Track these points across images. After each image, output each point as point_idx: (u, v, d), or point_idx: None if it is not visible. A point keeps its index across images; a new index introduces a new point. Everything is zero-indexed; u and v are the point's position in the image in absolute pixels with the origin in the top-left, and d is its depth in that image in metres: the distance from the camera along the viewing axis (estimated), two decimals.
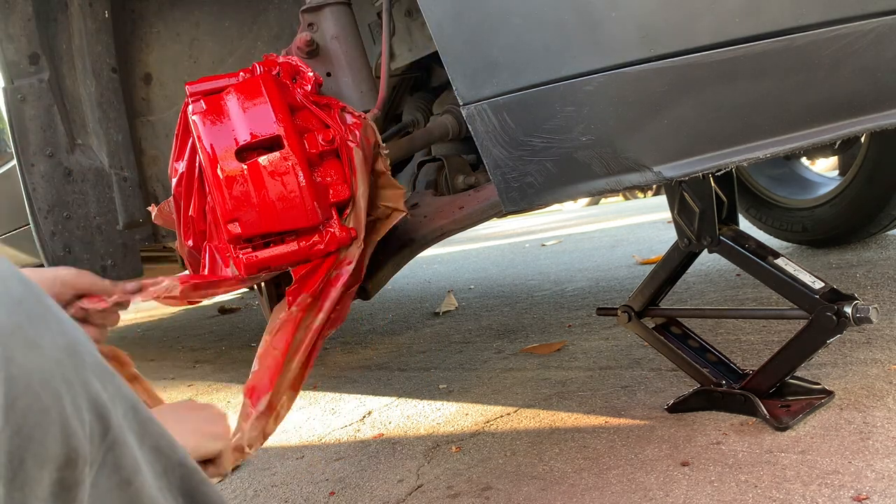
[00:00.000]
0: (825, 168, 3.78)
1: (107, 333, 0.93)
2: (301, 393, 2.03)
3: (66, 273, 0.86)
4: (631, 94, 0.87)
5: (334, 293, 1.09)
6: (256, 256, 1.07)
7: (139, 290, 0.94)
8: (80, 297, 0.88)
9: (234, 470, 1.56)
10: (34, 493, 0.45)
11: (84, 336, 0.51)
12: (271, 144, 1.04)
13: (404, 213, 1.16)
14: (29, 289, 0.49)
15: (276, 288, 1.27)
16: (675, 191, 1.28)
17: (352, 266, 1.10)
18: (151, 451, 0.55)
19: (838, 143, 2.19)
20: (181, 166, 1.14)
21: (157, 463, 0.56)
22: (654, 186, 1.00)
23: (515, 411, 1.53)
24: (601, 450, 1.25)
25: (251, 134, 1.04)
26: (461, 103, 0.96)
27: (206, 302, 4.69)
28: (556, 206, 7.19)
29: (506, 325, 2.37)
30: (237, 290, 1.32)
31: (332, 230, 1.09)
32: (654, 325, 1.39)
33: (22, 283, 0.49)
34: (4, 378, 0.44)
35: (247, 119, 1.04)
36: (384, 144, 1.16)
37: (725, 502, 1.00)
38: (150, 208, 1.26)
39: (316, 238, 1.07)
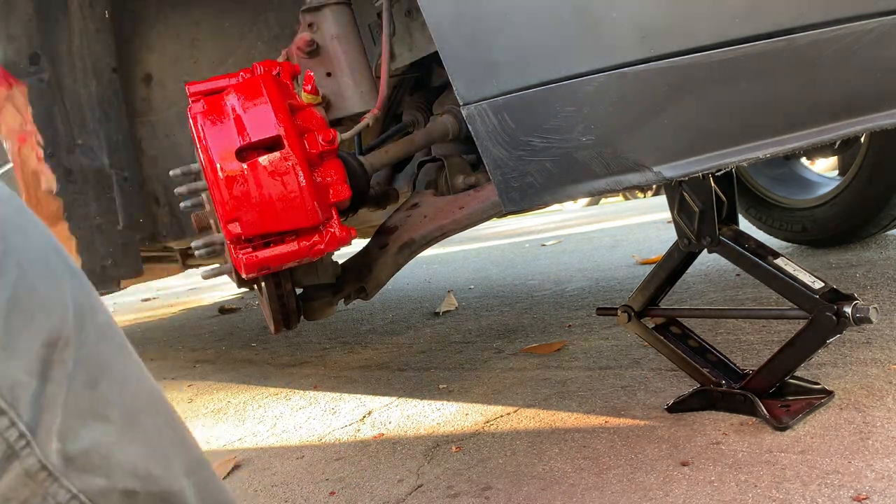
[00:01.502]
0: (825, 168, 3.79)
1: None
2: (301, 393, 2.04)
3: None
4: (631, 94, 0.87)
5: None
6: (256, 256, 1.07)
7: None
8: None
9: (233, 470, 1.57)
10: (22, 364, 0.49)
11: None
12: (271, 144, 1.05)
13: None
14: (12, 193, 0.54)
15: (277, 288, 1.27)
16: (675, 191, 1.28)
17: None
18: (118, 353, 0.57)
19: (838, 143, 2.19)
20: None
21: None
22: (654, 186, 1.00)
23: (515, 411, 1.53)
24: (601, 450, 1.25)
25: (251, 134, 1.04)
26: (461, 103, 0.96)
27: (206, 302, 4.69)
28: (556, 206, 7.19)
29: (506, 325, 2.37)
30: None
31: (333, 230, 1.09)
32: (653, 325, 1.39)
33: (5, 188, 0.54)
34: (2, 250, 0.49)
35: (247, 119, 1.04)
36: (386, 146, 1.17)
37: (725, 502, 1.00)
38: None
39: (316, 238, 1.08)
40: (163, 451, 0.57)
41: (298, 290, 1.35)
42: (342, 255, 1.80)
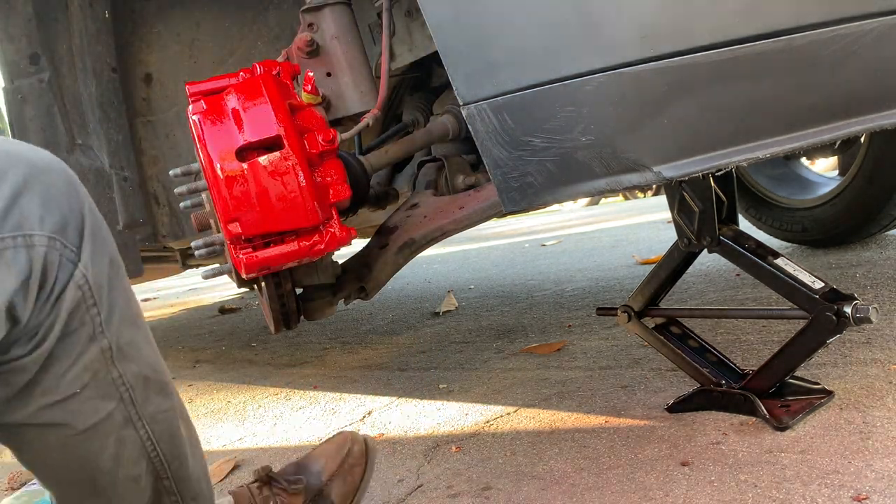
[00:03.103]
0: (825, 168, 3.79)
1: None
2: (301, 393, 2.04)
3: None
4: (631, 94, 0.87)
5: None
6: (256, 256, 1.07)
7: None
8: None
9: (232, 470, 1.56)
10: (102, 271, 0.74)
11: None
12: (271, 144, 1.04)
13: None
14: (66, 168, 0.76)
15: (277, 288, 1.27)
16: (675, 191, 1.28)
17: None
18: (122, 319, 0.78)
19: (838, 143, 2.19)
20: None
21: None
22: (654, 186, 1.00)
23: (515, 411, 1.53)
24: (601, 450, 1.25)
25: (251, 134, 1.04)
26: (461, 103, 0.96)
27: (206, 302, 4.69)
28: (556, 206, 7.19)
29: (506, 325, 2.37)
30: None
31: (333, 230, 1.09)
32: (654, 325, 1.39)
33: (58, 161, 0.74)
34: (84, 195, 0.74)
35: (247, 119, 1.04)
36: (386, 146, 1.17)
37: (725, 502, 1.00)
38: None
39: (316, 238, 1.07)
40: (158, 354, 0.84)
41: (298, 290, 1.35)
42: (342, 255, 1.80)
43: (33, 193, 0.68)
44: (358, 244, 1.58)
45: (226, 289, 5.05)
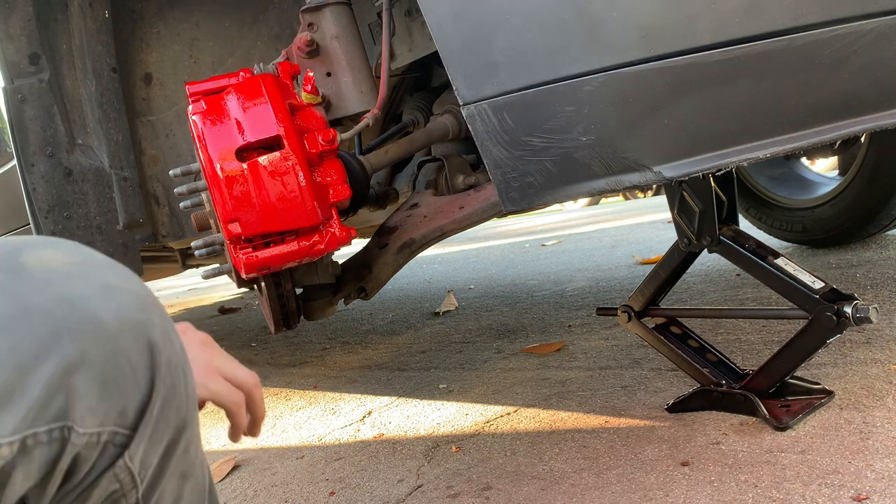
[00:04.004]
0: (825, 168, 3.78)
1: None
2: (301, 393, 2.04)
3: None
4: (631, 94, 0.87)
5: None
6: (257, 256, 1.07)
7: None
8: None
9: (232, 470, 1.57)
10: (158, 450, 0.55)
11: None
12: (271, 144, 1.04)
13: None
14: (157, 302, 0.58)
15: (277, 288, 1.27)
16: (675, 191, 1.28)
17: None
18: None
19: (838, 143, 2.19)
20: None
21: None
22: (654, 186, 1.00)
23: (515, 411, 1.53)
24: (601, 450, 1.25)
25: (251, 134, 1.04)
26: (461, 103, 0.96)
27: (206, 302, 4.69)
28: (556, 206, 7.19)
29: (506, 325, 2.37)
30: None
31: (333, 230, 1.09)
32: (654, 325, 1.39)
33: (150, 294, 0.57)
34: (156, 361, 0.53)
35: (247, 119, 1.04)
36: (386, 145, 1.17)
37: (725, 502, 1.00)
38: None
39: (316, 238, 1.07)
40: None
41: (298, 290, 1.35)
42: (342, 255, 1.80)
43: (91, 372, 0.49)
44: (358, 244, 1.58)
45: (226, 289, 5.05)
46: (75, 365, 0.48)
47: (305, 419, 1.80)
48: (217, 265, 1.26)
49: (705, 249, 1.28)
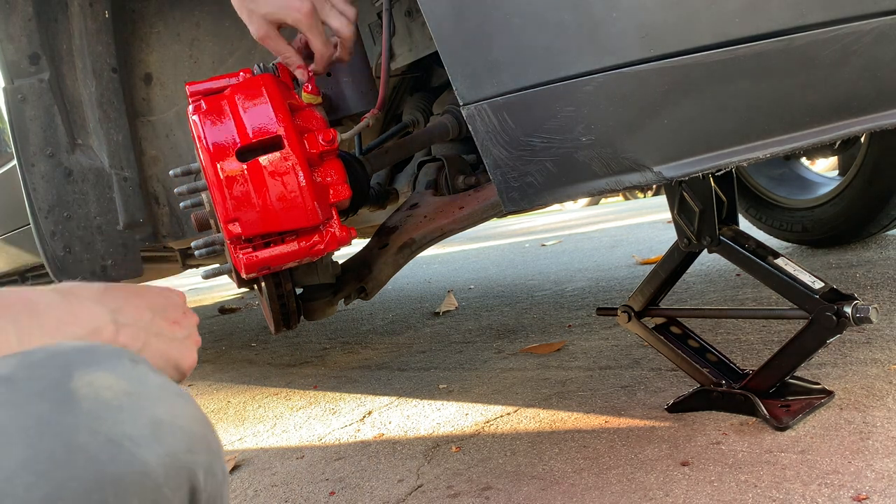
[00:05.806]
0: (825, 168, 3.78)
1: None
2: (301, 393, 2.04)
3: None
4: (631, 94, 0.87)
5: None
6: (256, 256, 1.07)
7: None
8: None
9: (232, 470, 1.56)
10: None
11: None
12: (271, 144, 1.04)
13: None
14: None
15: (277, 288, 1.27)
16: (675, 191, 1.28)
17: None
18: None
19: (838, 143, 2.19)
20: None
21: None
22: (654, 186, 1.00)
23: (515, 411, 1.53)
24: (601, 450, 1.25)
25: (251, 134, 1.04)
26: (461, 103, 0.96)
27: (206, 302, 4.69)
28: (556, 206, 7.19)
29: (506, 325, 2.37)
30: None
31: (333, 230, 1.09)
32: (654, 325, 1.39)
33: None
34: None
35: (247, 119, 1.04)
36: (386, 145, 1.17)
37: (725, 502, 1.00)
38: None
39: (316, 238, 1.08)
40: None
41: (298, 290, 1.35)
42: (342, 255, 1.80)
43: None
44: (358, 244, 1.58)
45: (226, 289, 5.05)
46: None
47: (305, 419, 1.80)
48: (217, 265, 1.26)
49: (705, 249, 1.28)
